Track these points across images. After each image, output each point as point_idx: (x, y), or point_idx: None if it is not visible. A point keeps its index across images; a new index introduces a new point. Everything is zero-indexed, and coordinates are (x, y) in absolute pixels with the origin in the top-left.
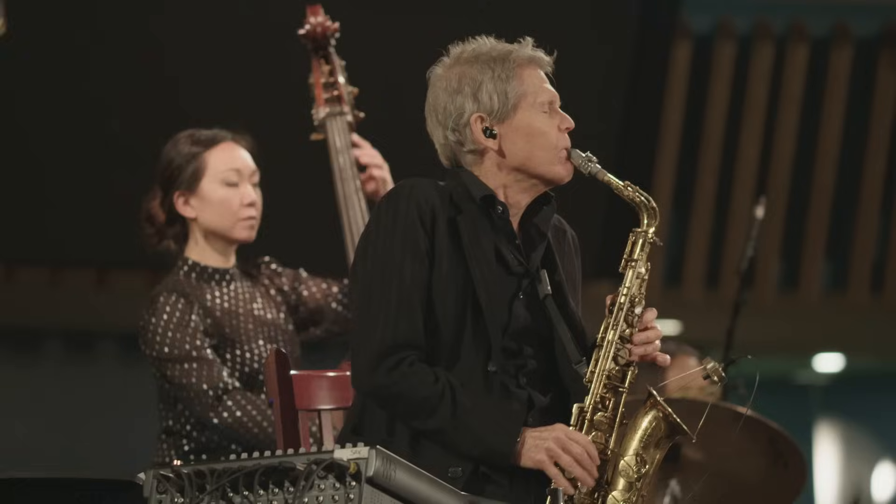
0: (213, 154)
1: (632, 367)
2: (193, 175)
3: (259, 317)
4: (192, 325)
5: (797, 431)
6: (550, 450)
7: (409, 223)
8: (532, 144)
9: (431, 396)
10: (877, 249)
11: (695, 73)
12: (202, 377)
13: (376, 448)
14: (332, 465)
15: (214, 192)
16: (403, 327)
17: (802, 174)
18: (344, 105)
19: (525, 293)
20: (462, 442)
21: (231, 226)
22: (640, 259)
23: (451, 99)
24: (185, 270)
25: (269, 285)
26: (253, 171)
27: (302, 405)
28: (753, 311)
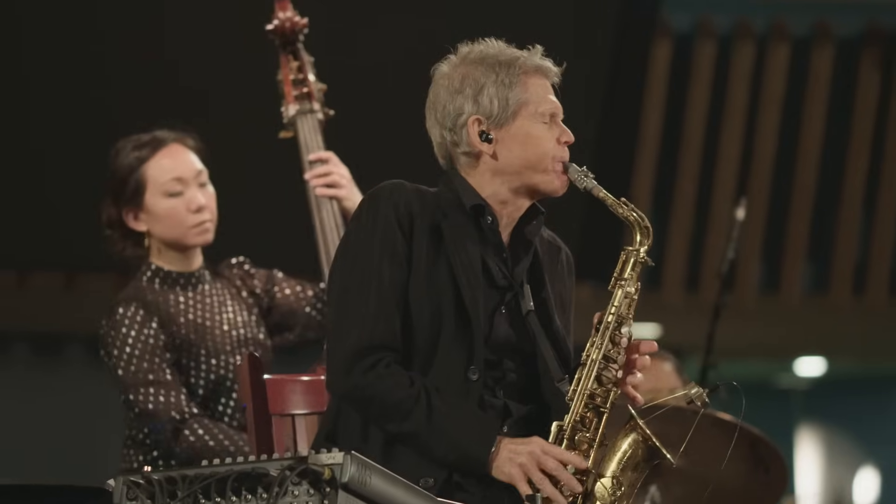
0: (151, 165)
1: (615, 388)
2: (136, 190)
3: (228, 321)
4: (151, 341)
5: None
6: (524, 465)
7: (387, 226)
8: (528, 153)
9: (407, 399)
10: (859, 250)
11: (674, 72)
12: (159, 405)
13: (352, 454)
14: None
15: (159, 205)
16: (380, 329)
17: (783, 175)
18: (314, 102)
19: (507, 307)
20: (436, 446)
21: (182, 235)
22: (631, 278)
23: (451, 98)
24: (149, 276)
25: (240, 286)
26: (197, 173)
27: (275, 410)
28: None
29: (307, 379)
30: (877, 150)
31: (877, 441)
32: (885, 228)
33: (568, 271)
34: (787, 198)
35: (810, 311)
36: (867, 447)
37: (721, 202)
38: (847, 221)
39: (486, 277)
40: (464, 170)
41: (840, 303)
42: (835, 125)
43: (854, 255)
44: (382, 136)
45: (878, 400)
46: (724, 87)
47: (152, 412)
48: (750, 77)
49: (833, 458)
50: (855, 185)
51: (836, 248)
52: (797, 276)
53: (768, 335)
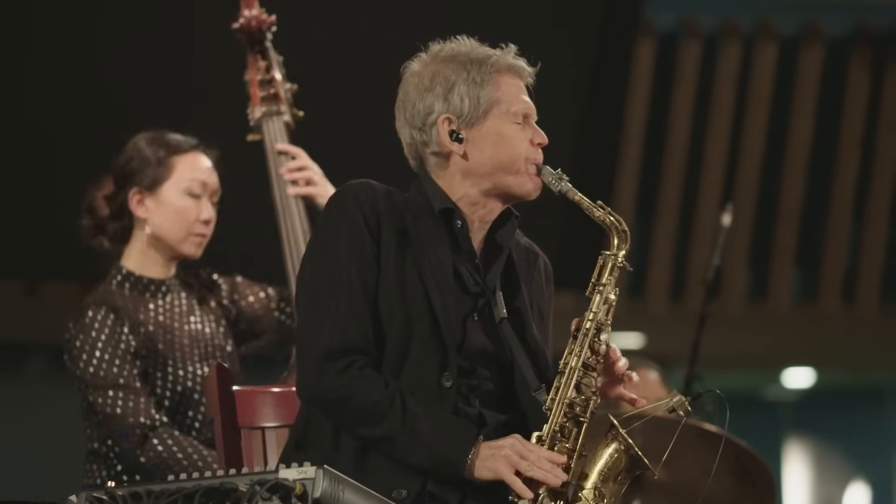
0: (182, 160)
1: (594, 397)
2: (157, 176)
3: (195, 332)
4: (122, 346)
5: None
6: (508, 457)
7: (354, 225)
8: (499, 154)
9: (381, 402)
10: (849, 257)
11: (658, 73)
12: (128, 409)
13: (323, 468)
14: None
15: (175, 199)
16: (352, 331)
17: (771, 179)
18: (281, 104)
19: (480, 314)
20: (412, 451)
21: (182, 238)
22: (609, 283)
23: (421, 97)
24: (119, 280)
25: (208, 297)
26: (216, 189)
27: (245, 422)
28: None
29: (277, 390)
30: (867, 154)
31: (867, 455)
32: (875, 234)
33: (546, 279)
34: (775, 202)
35: (798, 320)
36: (857, 461)
37: (706, 207)
38: (836, 227)
39: (458, 283)
40: (434, 171)
41: (829, 311)
42: (824, 128)
43: (844, 261)
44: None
45: (869, 412)
46: (709, 89)
47: (119, 416)
48: (736, 78)
49: (822, 473)
50: (844, 189)
51: (825, 255)
52: (785, 283)
53: (755, 345)
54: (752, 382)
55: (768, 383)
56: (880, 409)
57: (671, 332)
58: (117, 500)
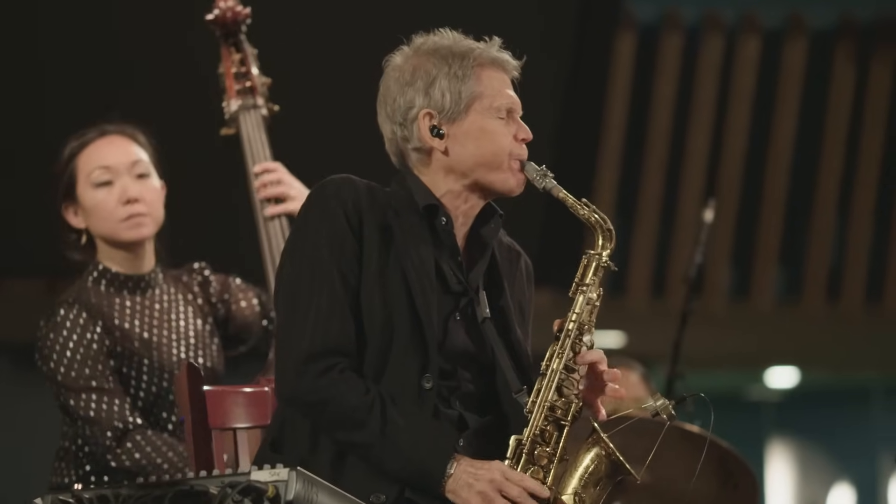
0: (82, 157)
1: (576, 400)
2: (69, 183)
3: (177, 329)
4: (95, 346)
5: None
6: (483, 493)
7: (335, 222)
8: (482, 150)
9: (361, 407)
10: (833, 255)
11: (639, 66)
12: (101, 412)
13: (297, 470)
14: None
15: (89, 198)
16: (334, 332)
17: (754, 175)
18: (257, 97)
19: (462, 314)
20: (389, 460)
21: (113, 229)
22: (592, 284)
23: (402, 91)
24: (95, 277)
25: (197, 293)
26: (132, 163)
27: (215, 423)
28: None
29: (250, 390)
30: (852, 149)
31: (852, 456)
32: (860, 231)
33: (527, 279)
34: (758, 199)
35: (782, 319)
36: (842, 462)
37: (688, 203)
38: (821, 224)
39: (440, 282)
40: (416, 167)
41: (813, 310)
42: (808, 122)
43: (828, 259)
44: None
45: (854, 412)
46: (691, 83)
47: (93, 419)
48: (719, 71)
49: (806, 474)
50: (829, 185)
51: (809, 253)
52: (768, 281)
53: (738, 344)
54: (735, 382)
55: (751, 383)
56: (865, 410)
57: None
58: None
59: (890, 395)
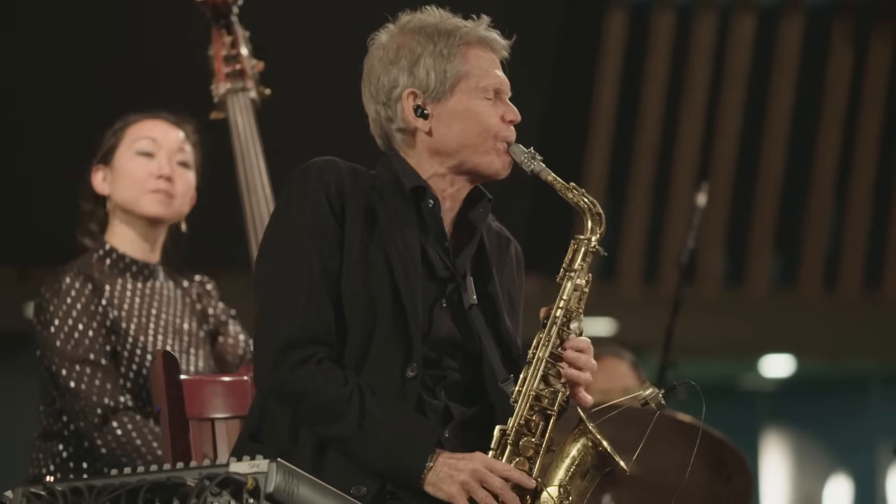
0: (133, 126)
1: (563, 389)
2: (111, 146)
3: (174, 323)
4: (98, 318)
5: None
6: (465, 483)
7: (317, 206)
8: (467, 131)
9: (339, 400)
10: (830, 240)
11: (630, 45)
12: (93, 388)
13: (277, 461)
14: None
15: (126, 162)
16: (312, 320)
17: (749, 158)
18: (247, 80)
19: (449, 300)
20: (367, 454)
21: (137, 198)
22: (581, 270)
23: (385, 70)
24: (101, 255)
25: (195, 300)
26: (178, 148)
27: (193, 413)
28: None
29: (228, 380)
30: (850, 131)
31: (849, 447)
32: (858, 216)
33: (517, 266)
34: (753, 182)
35: (777, 306)
36: (839, 453)
37: (681, 187)
38: (817, 208)
39: (426, 267)
40: (402, 149)
41: (810, 297)
42: (804, 103)
43: (825, 245)
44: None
45: (851, 402)
46: (684, 62)
47: (84, 393)
48: (712, 51)
49: (802, 466)
50: (826, 168)
51: (805, 238)
52: (763, 267)
53: (732, 332)
54: (729, 371)
55: (746, 372)
56: (863, 399)
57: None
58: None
59: (888, 385)
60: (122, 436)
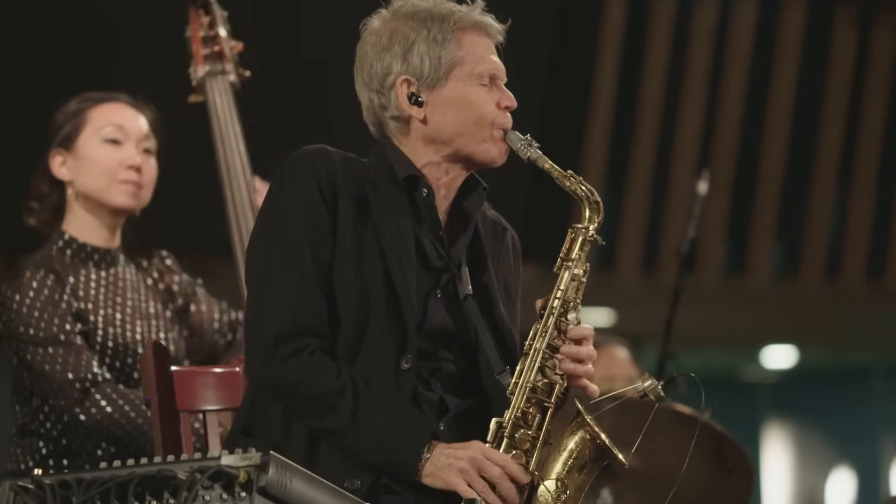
0: (98, 110)
1: (560, 381)
2: (72, 130)
3: (139, 307)
4: (63, 305)
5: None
6: (464, 471)
7: (308, 196)
8: (462, 118)
9: (332, 392)
10: (833, 229)
11: (630, 30)
12: (68, 365)
13: (270, 454)
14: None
15: (92, 149)
16: (304, 311)
17: (750, 145)
18: (226, 62)
19: (444, 291)
20: (361, 447)
21: (106, 188)
22: (578, 259)
23: (378, 57)
24: (60, 246)
25: (157, 280)
26: (145, 135)
27: (184, 405)
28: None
29: (220, 371)
30: (853, 118)
31: (852, 439)
32: (861, 204)
33: (514, 256)
34: (754, 170)
35: (779, 296)
36: (841, 446)
37: (681, 174)
38: (820, 197)
39: (420, 257)
40: (396, 137)
41: (812, 287)
42: (807, 90)
43: (827, 233)
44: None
45: (854, 394)
46: (684, 49)
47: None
48: (713, 37)
49: (804, 458)
50: (829, 156)
51: (807, 227)
52: (765, 256)
53: (733, 322)
54: (730, 362)
55: (747, 363)
56: (866, 391)
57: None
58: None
59: (891, 376)
60: (106, 406)
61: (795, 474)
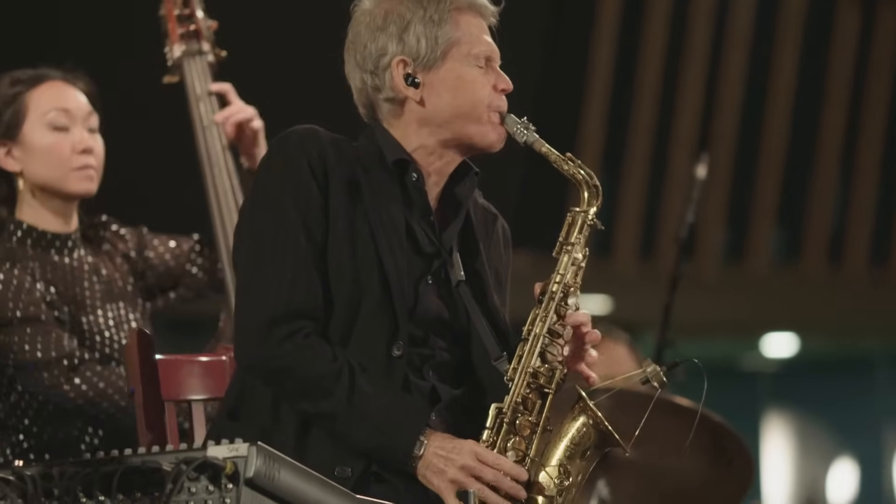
0: (36, 93)
1: (561, 367)
2: (13, 120)
3: (106, 289)
4: (37, 294)
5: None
6: (455, 481)
7: (300, 176)
8: (459, 100)
9: (327, 375)
10: (835, 214)
11: (627, 10)
12: (50, 343)
13: (257, 445)
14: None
15: (40, 139)
16: (300, 293)
17: (750, 128)
18: (203, 42)
19: (435, 277)
20: (356, 432)
21: (63, 177)
22: (578, 243)
23: (373, 37)
24: (20, 236)
25: (112, 252)
26: (88, 113)
27: (169, 395)
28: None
29: (206, 359)
30: (856, 99)
31: (854, 429)
32: (865, 188)
33: (504, 243)
34: (755, 154)
35: (780, 283)
36: (843, 436)
37: (679, 158)
38: (822, 180)
39: (411, 242)
40: (387, 120)
41: (813, 273)
42: (809, 71)
43: (830, 219)
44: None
45: (856, 383)
46: (683, 28)
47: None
48: (713, 14)
49: (805, 449)
50: (832, 138)
51: (809, 212)
52: (765, 242)
53: (732, 310)
54: (729, 351)
55: (746, 352)
56: (869, 380)
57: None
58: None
59: (895, 365)
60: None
61: (796, 466)
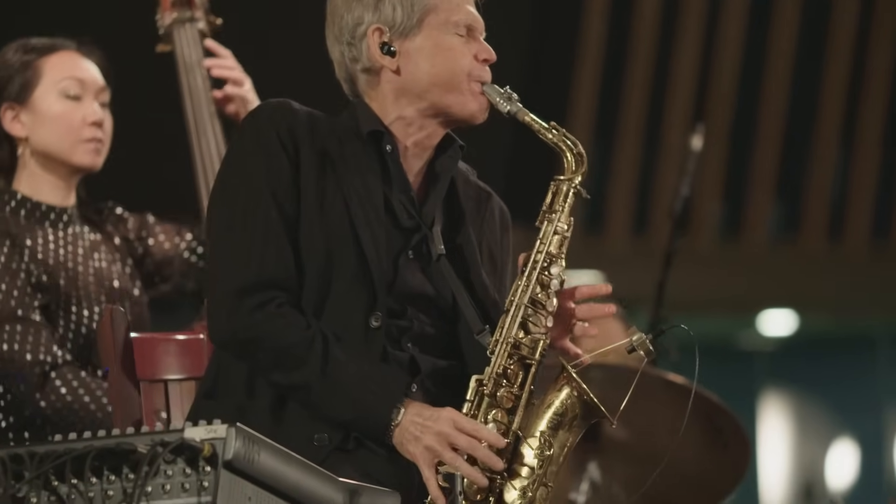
0: (50, 60)
1: (544, 337)
2: (25, 83)
3: (100, 271)
4: (22, 275)
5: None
6: (431, 448)
7: (270, 149)
8: (437, 68)
9: (299, 344)
10: (835, 187)
11: None
12: (26, 345)
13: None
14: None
15: (51, 105)
16: (271, 264)
17: (748, 97)
18: (195, 10)
19: (416, 251)
20: (331, 403)
21: (70, 147)
22: (561, 212)
23: (348, 8)
24: (13, 207)
25: (112, 233)
26: (101, 87)
27: (144, 374)
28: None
29: (183, 338)
30: (857, 67)
31: (854, 409)
32: (866, 161)
33: (502, 226)
34: (752, 124)
35: (778, 258)
36: (843, 416)
37: (674, 128)
38: (822, 152)
39: (390, 216)
40: (366, 92)
41: (812, 248)
42: (808, 36)
43: (829, 192)
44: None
45: (856, 362)
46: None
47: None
48: None
49: (803, 430)
50: (832, 108)
51: (808, 184)
52: (763, 216)
53: (729, 286)
54: (726, 328)
55: (743, 329)
56: (869, 359)
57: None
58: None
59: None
60: (66, 394)
61: (794, 447)
